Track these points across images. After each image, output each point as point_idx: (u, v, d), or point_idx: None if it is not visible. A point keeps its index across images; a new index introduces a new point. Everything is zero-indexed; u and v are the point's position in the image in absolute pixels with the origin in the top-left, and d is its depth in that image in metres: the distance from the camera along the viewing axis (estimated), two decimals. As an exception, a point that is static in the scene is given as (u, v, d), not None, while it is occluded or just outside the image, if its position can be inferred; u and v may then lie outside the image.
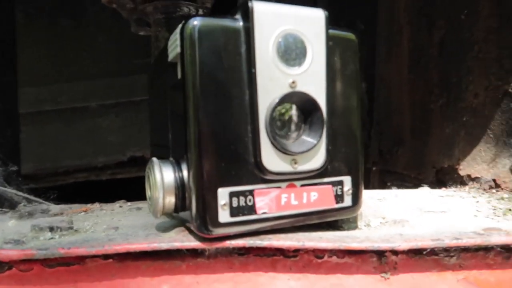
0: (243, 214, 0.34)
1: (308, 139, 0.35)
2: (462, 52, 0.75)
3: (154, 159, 0.36)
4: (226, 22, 0.33)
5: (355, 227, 0.41)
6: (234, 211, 0.33)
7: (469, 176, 0.72)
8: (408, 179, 0.97)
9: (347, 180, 0.38)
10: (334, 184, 0.37)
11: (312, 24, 0.35)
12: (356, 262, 0.37)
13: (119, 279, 0.36)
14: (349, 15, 1.24)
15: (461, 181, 0.74)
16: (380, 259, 0.37)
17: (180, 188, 0.34)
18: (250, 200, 0.34)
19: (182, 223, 0.38)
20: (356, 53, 0.38)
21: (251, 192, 0.34)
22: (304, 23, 0.35)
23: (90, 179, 1.41)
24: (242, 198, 0.33)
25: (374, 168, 1.15)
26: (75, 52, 1.26)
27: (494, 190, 0.64)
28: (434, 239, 0.36)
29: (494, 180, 0.65)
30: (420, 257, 0.37)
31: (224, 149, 0.33)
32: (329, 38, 0.36)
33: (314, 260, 0.37)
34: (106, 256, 0.35)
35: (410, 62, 0.95)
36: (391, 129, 1.06)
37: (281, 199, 0.35)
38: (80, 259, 0.36)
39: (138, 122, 1.33)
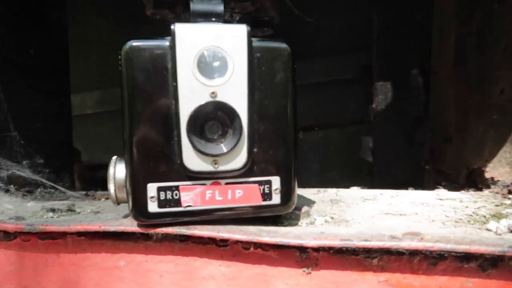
0: (170, 206, 0.40)
1: (226, 142, 0.39)
2: (493, 44, 0.69)
3: (114, 156, 0.44)
4: (156, 42, 0.39)
5: (296, 224, 0.44)
6: (161, 203, 0.39)
7: (492, 179, 0.67)
8: (455, 180, 0.92)
9: (275, 179, 0.41)
10: (260, 183, 0.41)
11: (233, 39, 0.39)
12: (280, 256, 0.40)
13: (89, 252, 0.45)
14: (408, 8, 1.19)
15: (487, 184, 0.69)
16: (301, 255, 0.39)
17: (130, 182, 0.41)
18: (176, 194, 0.39)
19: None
20: (287, 62, 0.41)
21: (177, 188, 0.39)
22: (225, 39, 0.39)
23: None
24: (169, 193, 0.39)
25: (427, 167, 1.10)
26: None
27: (511, 196, 0.59)
28: (344, 239, 0.37)
29: (512, 184, 0.60)
30: (342, 256, 0.39)
31: (153, 150, 0.39)
32: (255, 50, 0.40)
33: (243, 251, 0.41)
34: (79, 234, 0.44)
35: (455, 54, 0.89)
36: (441, 125, 1.00)
37: (206, 194, 0.40)
38: (63, 235, 0.45)
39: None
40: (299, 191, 0.52)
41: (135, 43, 0.39)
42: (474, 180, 0.76)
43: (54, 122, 0.74)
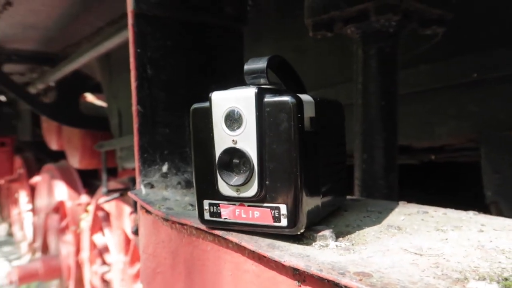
0: (216, 217, 0.57)
1: (240, 178, 0.53)
2: None
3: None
4: (203, 104, 0.57)
5: (310, 244, 0.53)
6: (211, 214, 0.58)
7: None
8: None
9: (283, 207, 0.52)
10: (271, 208, 0.53)
11: (246, 101, 0.52)
12: (279, 267, 0.51)
13: (194, 237, 0.68)
14: None
15: None
16: (294, 272, 0.49)
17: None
18: (218, 209, 0.57)
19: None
20: (289, 113, 0.51)
21: (218, 205, 0.57)
22: (240, 101, 0.53)
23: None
24: (214, 207, 0.57)
25: None
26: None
27: None
28: (340, 273, 0.45)
29: None
30: (321, 280, 0.47)
31: (206, 177, 0.57)
32: (266, 105, 0.52)
33: (262, 258, 0.54)
34: (184, 224, 0.68)
35: None
36: None
37: (235, 212, 0.55)
38: (183, 224, 0.70)
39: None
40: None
41: (195, 105, 0.58)
42: None
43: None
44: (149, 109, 0.87)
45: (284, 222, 0.52)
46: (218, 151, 0.55)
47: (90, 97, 3.76)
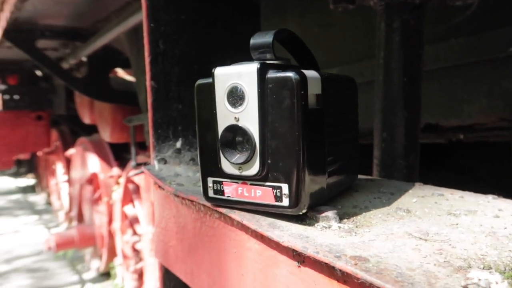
0: (219, 194, 0.57)
1: (243, 155, 0.52)
2: None
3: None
4: (209, 81, 0.55)
5: (313, 225, 0.52)
6: (215, 192, 0.57)
7: None
8: None
9: (284, 186, 0.51)
10: (274, 187, 0.52)
11: (247, 77, 0.51)
12: (280, 247, 0.50)
13: (203, 213, 0.68)
14: None
15: None
16: (293, 253, 0.49)
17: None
18: (221, 187, 0.56)
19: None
20: (292, 90, 0.49)
21: (221, 183, 0.56)
22: (243, 77, 0.51)
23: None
24: (218, 185, 0.57)
25: None
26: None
27: None
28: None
29: None
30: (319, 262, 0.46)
31: (210, 155, 0.57)
32: (269, 81, 0.50)
33: (265, 237, 0.54)
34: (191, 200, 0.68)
35: None
36: None
37: (238, 190, 0.55)
38: (191, 200, 0.70)
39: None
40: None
41: (199, 81, 0.57)
42: None
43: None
44: (162, 84, 0.87)
45: (286, 201, 0.51)
46: (221, 128, 0.54)
47: (120, 72, 3.82)
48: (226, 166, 0.55)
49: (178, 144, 0.90)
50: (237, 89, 0.52)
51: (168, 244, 0.80)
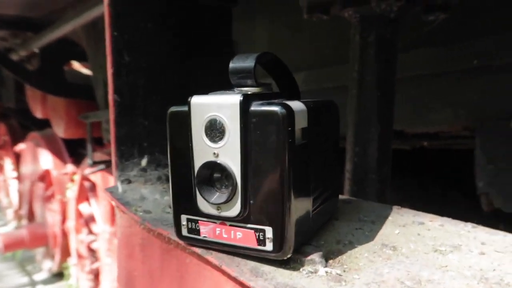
0: (194, 234, 0.52)
1: (225, 194, 0.47)
2: None
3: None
4: (183, 109, 0.50)
5: (298, 269, 0.48)
6: (189, 231, 0.52)
7: None
8: None
9: (268, 229, 0.47)
10: (256, 230, 0.47)
11: (229, 109, 0.46)
12: (266, 295, 0.46)
13: (168, 244, 0.63)
14: None
15: None
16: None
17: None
18: (197, 226, 0.51)
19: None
20: (279, 126, 0.44)
21: (197, 221, 0.51)
22: (223, 109, 0.46)
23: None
24: (193, 224, 0.52)
25: None
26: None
27: None
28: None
29: None
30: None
31: (183, 191, 0.51)
32: (252, 115, 0.45)
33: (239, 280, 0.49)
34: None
35: None
36: None
37: (216, 230, 0.50)
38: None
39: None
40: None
41: (173, 108, 0.51)
42: None
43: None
44: (127, 98, 0.80)
45: (269, 246, 0.47)
46: (198, 163, 0.49)
47: (76, 65, 3.62)
48: (203, 205, 0.50)
49: (144, 162, 0.83)
50: (217, 122, 0.47)
51: (133, 274, 0.74)
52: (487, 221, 1.42)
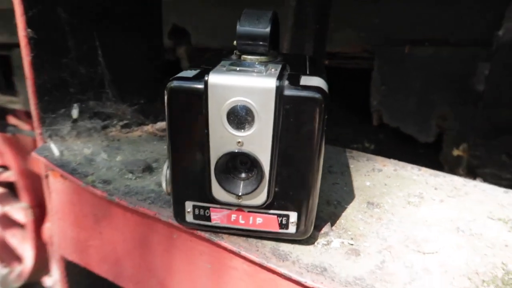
0: (202, 220, 0.48)
1: (249, 184, 0.44)
2: None
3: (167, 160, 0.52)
4: (193, 85, 0.42)
5: (312, 243, 0.49)
6: (195, 217, 0.48)
7: None
8: None
9: (292, 214, 0.46)
10: (279, 215, 0.46)
11: (261, 95, 0.40)
12: (285, 278, 0.47)
13: (151, 220, 0.57)
14: None
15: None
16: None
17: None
18: (207, 213, 0.47)
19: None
20: (315, 114, 0.41)
21: (208, 208, 0.47)
22: (254, 94, 0.40)
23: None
24: (201, 210, 0.47)
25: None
26: None
27: None
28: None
29: None
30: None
31: (189, 177, 0.46)
32: (286, 100, 0.40)
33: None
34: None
35: None
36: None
37: (231, 217, 0.47)
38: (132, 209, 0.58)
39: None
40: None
41: (176, 83, 0.42)
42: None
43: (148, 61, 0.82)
44: (46, 33, 0.63)
45: (292, 229, 0.47)
46: (216, 152, 0.43)
47: None
48: (220, 194, 0.45)
49: (75, 113, 0.69)
50: (244, 108, 0.41)
51: (88, 243, 0.66)
52: (375, 133, 1.60)
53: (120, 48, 0.75)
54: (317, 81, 0.43)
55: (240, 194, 0.44)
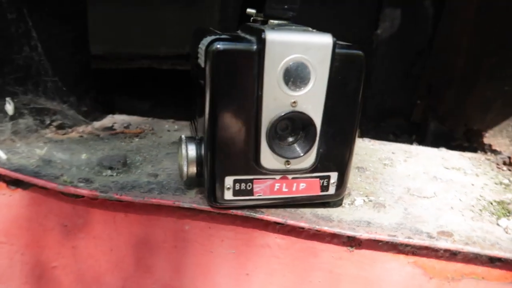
0: (243, 195, 0.45)
1: (299, 148, 0.43)
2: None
3: (183, 136, 0.46)
4: (244, 47, 0.39)
5: (340, 205, 0.51)
6: (236, 193, 0.44)
7: (490, 146, 0.75)
8: (446, 124, 1.00)
9: (334, 175, 0.46)
10: (321, 178, 0.46)
11: (319, 51, 0.40)
12: (329, 236, 0.47)
13: (154, 215, 0.50)
14: None
15: (483, 148, 0.77)
16: (348, 238, 0.47)
17: (200, 163, 0.45)
18: (249, 186, 0.44)
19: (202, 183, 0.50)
20: (361, 70, 0.43)
21: (251, 181, 0.44)
22: (311, 51, 0.40)
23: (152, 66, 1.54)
24: (243, 184, 0.44)
25: (418, 102, 1.17)
26: None
27: (505, 168, 0.68)
28: (391, 235, 0.45)
29: (509, 158, 0.69)
30: (384, 243, 0.47)
31: (231, 149, 0.42)
32: (335, 60, 0.41)
33: (297, 228, 0.48)
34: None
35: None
36: (446, 65, 1.04)
37: (275, 186, 0.45)
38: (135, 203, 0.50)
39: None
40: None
41: (222, 46, 0.39)
42: (468, 138, 0.84)
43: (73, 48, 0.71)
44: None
45: (332, 190, 0.47)
46: (269, 115, 0.41)
47: None
48: (269, 161, 0.43)
49: (9, 108, 0.56)
50: (302, 65, 0.40)
51: (51, 265, 0.54)
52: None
53: (51, 35, 0.64)
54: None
55: (290, 157, 0.43)
